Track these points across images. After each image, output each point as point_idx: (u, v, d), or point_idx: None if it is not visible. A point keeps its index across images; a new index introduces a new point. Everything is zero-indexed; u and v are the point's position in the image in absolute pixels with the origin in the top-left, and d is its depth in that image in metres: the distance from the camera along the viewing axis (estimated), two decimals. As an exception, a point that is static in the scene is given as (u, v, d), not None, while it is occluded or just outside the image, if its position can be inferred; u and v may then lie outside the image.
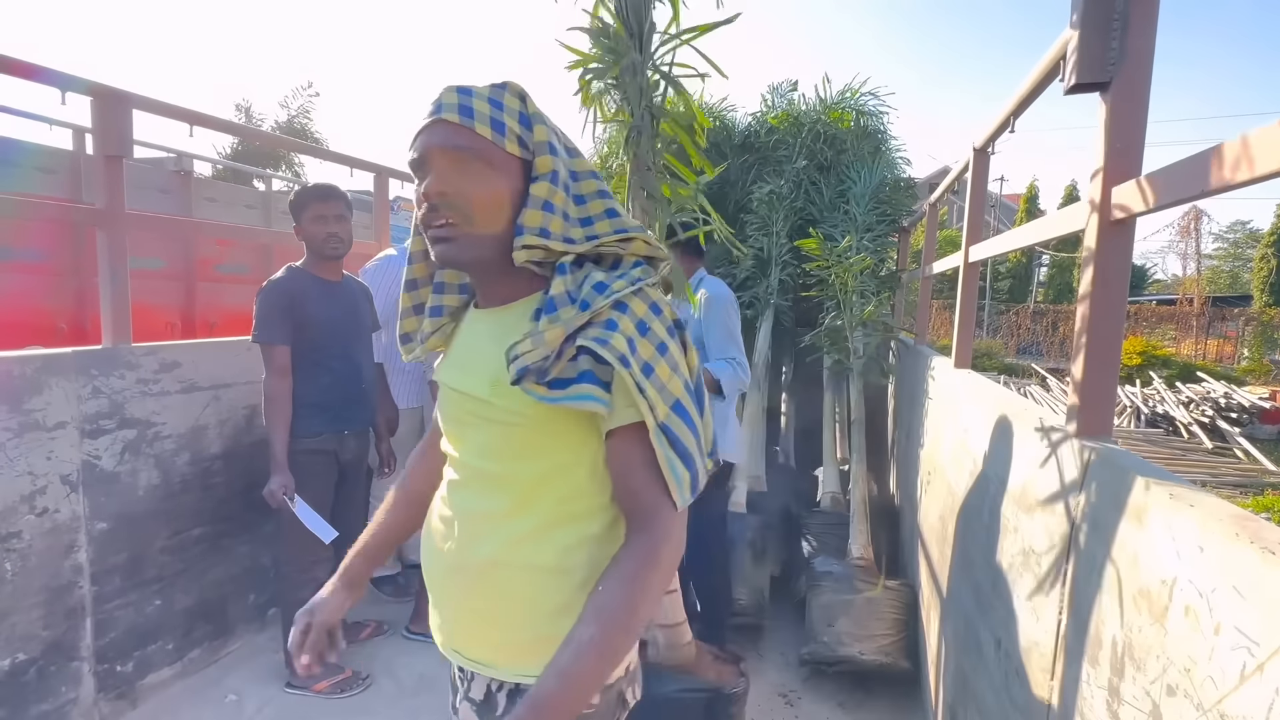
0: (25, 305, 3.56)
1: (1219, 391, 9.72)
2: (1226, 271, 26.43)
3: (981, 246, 2.09)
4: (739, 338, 2.24)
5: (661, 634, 1.85)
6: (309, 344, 2.10)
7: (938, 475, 2.18)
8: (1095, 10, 1.06)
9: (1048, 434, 1.23)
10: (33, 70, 1.80)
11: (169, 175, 4.48)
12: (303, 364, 2.09)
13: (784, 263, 3.66)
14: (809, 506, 3.22)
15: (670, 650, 1.84)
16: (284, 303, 2.05)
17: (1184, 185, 0.90)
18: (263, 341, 2.04)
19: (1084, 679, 0.96)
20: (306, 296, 2.11)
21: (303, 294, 2.10)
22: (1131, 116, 1.08)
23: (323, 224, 2.14)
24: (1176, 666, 0.73)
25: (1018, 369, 13.51)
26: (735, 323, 2.26)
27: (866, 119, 4.07)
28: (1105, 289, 1.12)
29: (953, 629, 1.79)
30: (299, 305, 2.07)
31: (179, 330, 4.34)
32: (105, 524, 1.94)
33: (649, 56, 1.51)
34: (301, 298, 2.09)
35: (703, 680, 1.80)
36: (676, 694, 1.76)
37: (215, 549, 2.31)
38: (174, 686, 2.17)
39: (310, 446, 2.12)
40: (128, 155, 2.03)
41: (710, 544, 2.29)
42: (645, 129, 1.55)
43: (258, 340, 2.05)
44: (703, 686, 1.78)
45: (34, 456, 1.75)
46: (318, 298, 2.14)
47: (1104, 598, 0.92)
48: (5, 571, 1.70)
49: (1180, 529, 0.76)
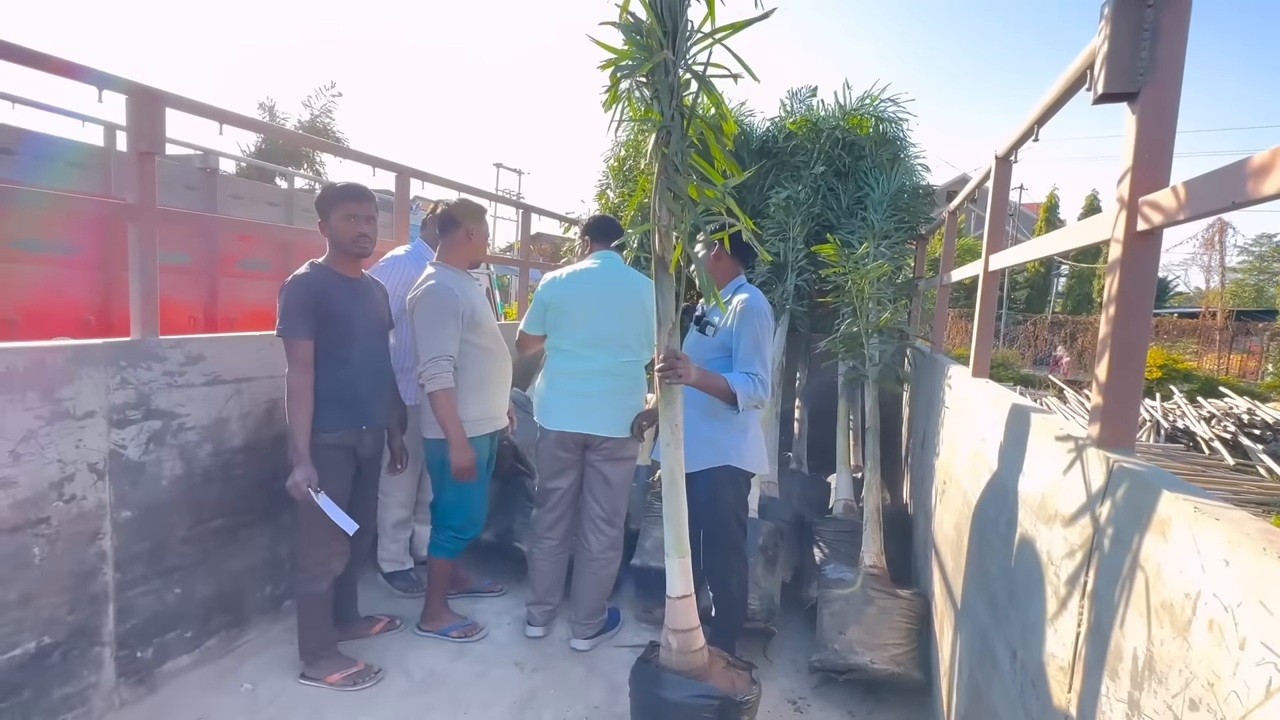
0: (55, 297, 3.64)
1: (1242, 407, 9.53)
2: (1252, 285, 25.88)
3: (1003, 255, 2.08)
4: (766, 354, 2.17)
5: (674, 639, 1.84)
6: (332, 339, 2.12)
7: (953, 484, 2.16)
8: (1125, 19, 1.06)
9: (1069, 444, 1.23)
10: (72, 69, 1.85)
11: (195, 172, 4.57)
12: (325, 359, 2.12)
13: (800, 268, 3.66)
14: (821, 513, 3.21)
15: (682, 655, 1.83)
16: (309, 298, 2.07)
17: (1213, 197, 0.90)
18: (287, 335, 2.06)
19: (1103, 692, 0.95)
20: (331, 292, 2.13)
21: (327, 290, 2.12)
22: (1160, 127, 1.07)
23: (354, 223, 2.16)
24: (1200, 681, 0.73)
25: (1034, 380, 13.34)
26: (767, 338, 2.19)
27: (886, 125, 4.06)
28: (1130, 299, 1.12)
29: (966, 640, 1.78)
30: (323, 301, 2.10)
31: (201, 324, 4.42)
32: (130, 512, 1.98)
33: (682, 54, 1.46)
34: (326, 294, 2.11)
35: (714, 687, 1.79)
36: (688, 699, 1.75)
37: (234, 540, 2.35)
38: (191, 674, 2.21)
39: (330, 441, 2.15)
40: (160, 152, 2.08)
41: (730, 552, 2.27)
42: (676, 129, 1.51)
43: (282, 334, 2.07)
44: (714, 693, 1.76)
45: (64, 444, 1.80)
46: (341, 294, 2.16)
47: (1125, 610, 0.91)
48: (33, 556, 1.74)
49: (1205, 542, 0.76)
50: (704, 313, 2.32)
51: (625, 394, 2.50)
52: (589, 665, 2.43)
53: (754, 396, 2.10)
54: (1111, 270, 1.15)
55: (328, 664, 2.24)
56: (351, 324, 2.17)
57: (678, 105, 1.50)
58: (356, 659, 2.29)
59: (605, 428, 2.47)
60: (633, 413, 2.51)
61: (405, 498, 2.88)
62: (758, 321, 2.17)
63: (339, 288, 2.17)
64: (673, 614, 1.84)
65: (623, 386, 2.49)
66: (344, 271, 2.21)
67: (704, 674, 1.82)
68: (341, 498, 2.17)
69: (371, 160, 3.25)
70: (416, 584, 2.90)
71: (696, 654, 1.84)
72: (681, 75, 1.50)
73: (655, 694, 1.78)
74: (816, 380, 3.96)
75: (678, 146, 1.53)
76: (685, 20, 1.47)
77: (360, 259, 2.25)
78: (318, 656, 2.23)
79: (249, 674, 2.25)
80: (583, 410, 2.47)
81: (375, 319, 2.31)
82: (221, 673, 2.25)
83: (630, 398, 2.52)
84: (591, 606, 2.54)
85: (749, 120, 4.36)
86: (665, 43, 1.45)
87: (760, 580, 2.62)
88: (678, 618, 1.83)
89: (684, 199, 1.59)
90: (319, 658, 2.23)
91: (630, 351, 2.48)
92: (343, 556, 2.25)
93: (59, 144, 3.76)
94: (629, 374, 2.51)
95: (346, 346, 2.16)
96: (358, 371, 2.20)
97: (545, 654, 2.49)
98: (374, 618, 2.59)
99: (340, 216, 2.15)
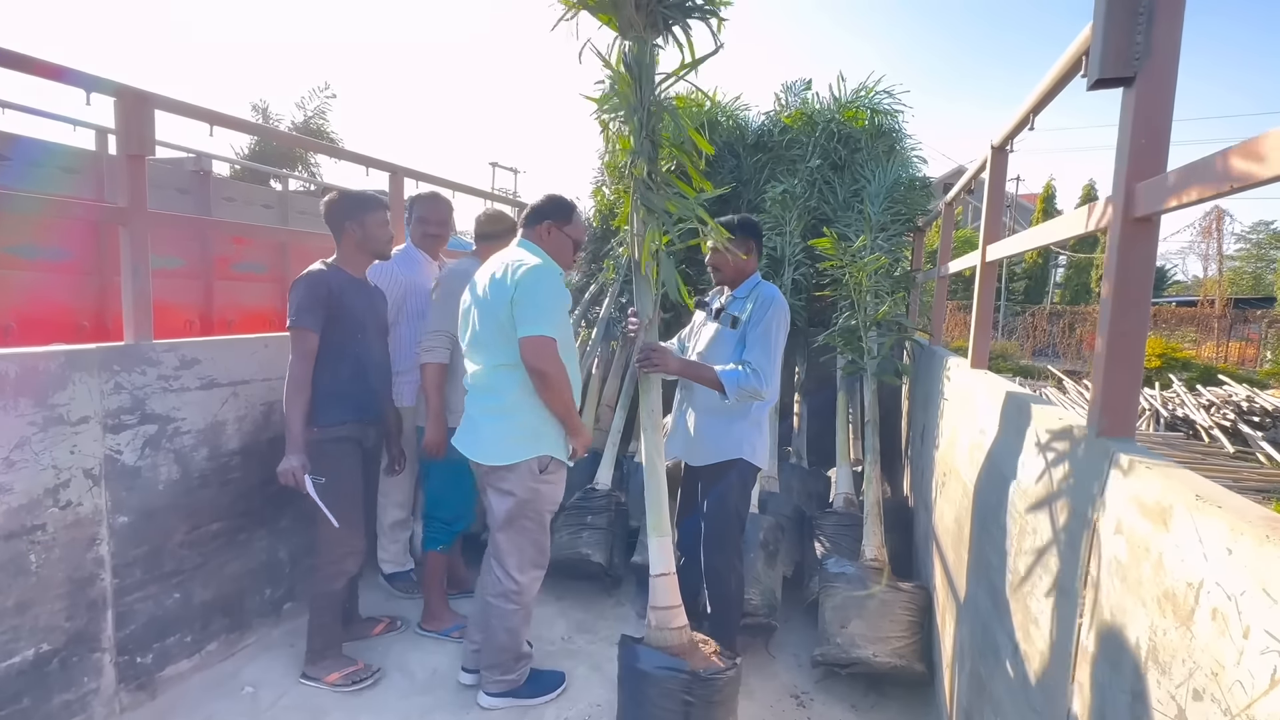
0: (50, 303, 3.63)
1: (1241, 395, 9.54)
2: (1249, 273, 25.91)
3: (1000, 245, 2.07)
4: (773, 346, 2.13)
5: (654, 616, 1.91)
6: (342, 335, 2.19)
7: (953, 476, 2.16)
8: (1120, 3, 1.05)
9: (1068, 434, 1.22)
10: (60, 72, 1.83)
11: (188, 175, 4.55)
12: (332, 354, 2.17)
13: (797, 262, 3.64)
14: (822, 507, 3.20)
15: (660, 632, 1.90)
16: (323, 293, 2.14)
17: (1211, 182, 0.88)
18: (297, 325, 2.11)
19: (1106, 682, 0.95)
20: (343, 290, 2.21)
21: (340, 288, 2.20)
22: (1156, 112, 1.06)
23: (386, 228, 2.32)
24: (1204, 670, 0.72)
25: (1033, 370, 13.34)
26: (780, 331, 2.17)
27: (881, 118, 4.04)
28: (1128, 287, 1.11)
29: (968, 631, 1.77)
30: (335, 297, 2.17)
31: (197, 328, 4.40)
32: (126, 518, 1.97)
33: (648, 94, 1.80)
34: (339, 291, 2.19)
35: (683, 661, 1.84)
36: (655, 670, 1.83)
37: (232, 543, 2.34)
38: (192, 678, 2.20)
39: (338, 435, 2.19)
40: (150, 154, 2.06)
41: (730, 551, 2.27)
42: (645, 152, 1.82)
43: (294, 324, 2.11)
44: (682, 667, 1.82)
45: (58, 450, 1.78)
46: (352, 293, 2.25)
47: (1127, 600, 0.91)
48: (30, 564, 1.73)
49: (1208, 531, 0.75)
50: (722, 305, 2.31)
51: (501, 413, 2.00)
52: (591, 664, 2.42)
53: (745, 387, 2.05)
54: (1109, 258, 1.14)
55: (329, 663, 2.24)
56: (359, 321, 2.26)
57: (648, 134, 1.81)
58: (356, 658, 2.29)
59: (479, 451, 2.04)
60: (516, 439, 1.99)
61: (403, 498, 2.87)
62: (773, 312, 2.16)
63: (350, 287, 2.26)
64: (654, 591, 1.92)
65: (498, 404, 2.00)
66: (355, 273, 2.31)
67: (682, 651, 1.88)
68: (354, 491, 2.24)
69: (365, 160, 3.24)
70: (417, 585, 2.89)
71: (675, 631, 1.90)
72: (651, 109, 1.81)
73: (631, 665, 1.88)
74: (815, 374, 3.95)
75: (649, 167, 1.83)
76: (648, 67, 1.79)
77: (383, 260, 2.40)
78: (321, 655, 2.24)
79: (250, 677, 2.25)
80: (465, 429, 2.11)
81: (379, 318, 2.40)
82: (222, 676, 2.24)
83: (506, 419, 1.99)
84: (492, 657, 2.13)
85: (744, 114, 4.34)
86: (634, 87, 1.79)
87: (761, 575, 2.61)
88: (658, 595, 1.91)
89: (656, 210, 1.84)
90: (323, 657, 2.24)
91: (495, 355, 1.99)
92: (359, 556, 2.29)
93: (51, 149, 3.73)
94: (503, 388, 1.99)
95: (352, 343, 2.23)
96: (363, 366, 2.27)
97: (547, 652, 2.49)
98: (375, 619, 2.59)
99: (376, 223, 2.29)
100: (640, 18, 1.71)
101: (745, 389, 2.05)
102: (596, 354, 3.95)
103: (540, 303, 1.91)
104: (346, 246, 2.28)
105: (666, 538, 1.93)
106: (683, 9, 1.76)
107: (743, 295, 2.27)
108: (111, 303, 3.77)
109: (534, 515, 2.08)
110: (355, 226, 2.25)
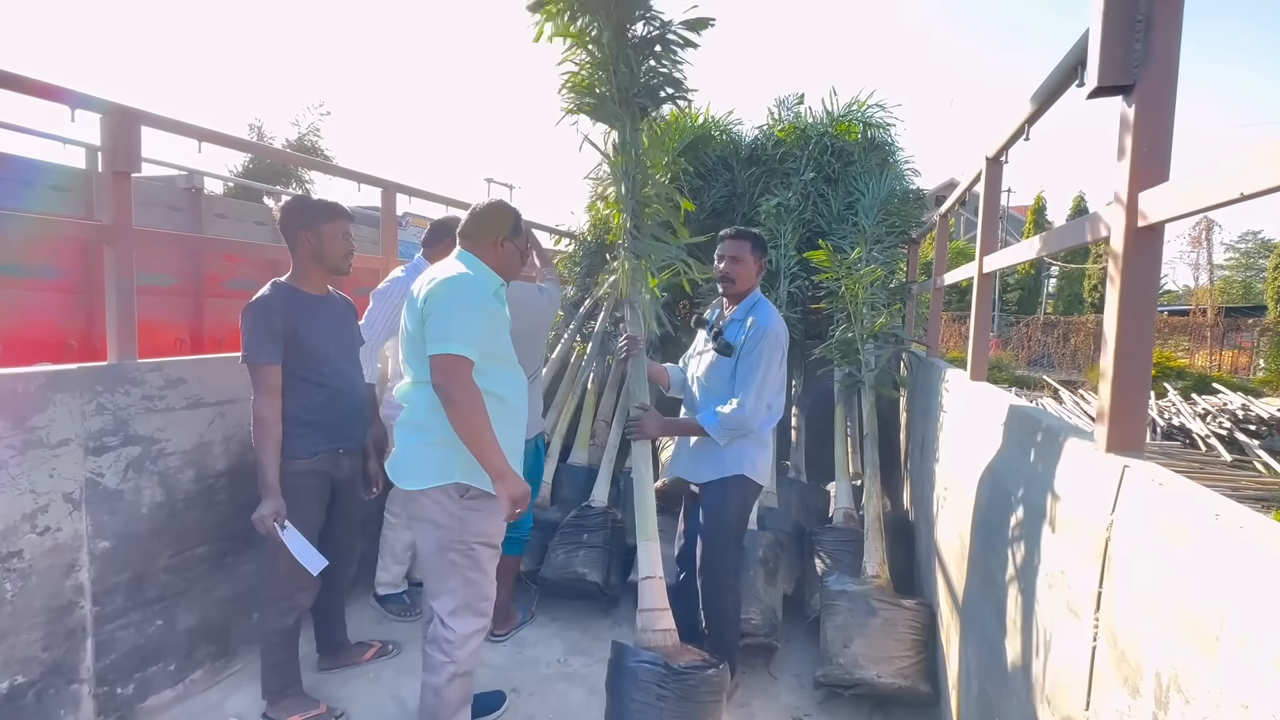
0: (37, 322, 3.58)
1: (1236, 403, 9.56)
2: (1239, 282, 26.18)
3: (997, 256, 2.05)
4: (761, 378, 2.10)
5: (641, 618, 1.97)
6: (301, 361, 2.02)
7: (955, 490, 2.12)
8: (1117, 10, 1.04)
9: (1076, 448, 1.19)
10: (46, 89, 1.81)
11: (180, 192, 4.52)
12: (295, 382, 2.02)
13: (793, 275, 3.63)
14: (821, 522, 3.15)
15: (646, 634, 1.94)
16: (274, 320, 1.96)
17: (1216, 189, 0.86)
18: (252, 362, 1.95)
19: (1124, 710, 0.90)
20: (298, 313, 2.01)
21: (293, 310, 2.01)
22: (1158, 119, 1.04)
23: (345, 241, 2.10)
24: (1232, 702, 0.68)
25: (1029, 381, 13.36)
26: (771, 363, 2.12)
27: (874, 130, 4.05)
28: (1133, 298, 1.08)
29: (975, 651, 1.73)
30: (290, 322, 1.98)
31: (188, 346, 4.35)
32: (108, 543, 1.91)
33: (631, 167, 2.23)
34: (292, 314, 2.00)
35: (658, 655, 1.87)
36: (633, 664, 1.85)
37: (218, 567, 2.28)
38: (175, 709, 2.12)
39: (304, 468, 2.04)
40: (136, 171, 2.03)
41: (727, 570, 2.22)
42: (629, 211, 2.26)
43: (247, 360, 1.96)
44: (657, 661, 1.84)
45: (36, 474, 1.73)
46: (309, 313, 2.05)
47: (1144, 624, 0.87)
48: (5, 592, 1.67)
49: (1231, 552, 0.71)
50: (719, 328, 2.28)
51: (415, 431, 1.79)
52: (589, 688, 2.36)
53: (729, 430, 2.12)
54: (1112, 269, 1.12)
55: (290, 703, 2.10)
56: (321, 343, 2.06)
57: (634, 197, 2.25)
58: (319, 700, 2.16)
59: (393, 471, 1.85)
60: (429, 460, 1.76)
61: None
62: (764, 344, 2.12)
63: (306, 307, 2.06)
64: (642, 594, 1.98)
65: (412, 421, 1.80)
66: (311, 289, 2.10)
67: (667, 651, 1.91)
68: (314, 527, 2.08)
69: (357, 176, 3.22)
70: (410, 607, 2.82)
71: (662, 633, 1.94)
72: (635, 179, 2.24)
73: (615, 664, 1.92)
74: (812, 387, 3.92)
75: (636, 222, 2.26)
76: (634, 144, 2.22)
77: (341, 276, 2.17)
78: (281, 695, 2.11)
79: (235, 706, 2.18)
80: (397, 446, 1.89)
81: (346, 337, 2.20)
82: (206, 706, 2.17)
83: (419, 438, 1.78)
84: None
85: (737, 128, 4.35)
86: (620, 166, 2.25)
87: (761, 593, 2.56)
88: (646, 597, 1.97)
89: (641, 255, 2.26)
90: (283, 696, 2.11)
91: (414, 370, 1.79)
92: (311, 590, 2.12)
93: (41, 167, 3.71)
94: (417, 405, 1.78)
95: (317, 368, 2.05)
96: (332, 392, 2.10)
97: (542, 675, 2.43)
98: (366, 644, 2.52)
99: (334, 233, 2.08)
100: (622, 110, 2.18)
101: (730, 430, 2.12)
102: (592, 369, 3.91)
103: (452, 317, 1.66)
104: (301, 259, 2.07)
105: (654, 542, 2.00)
106: (655, 99, 2.26)
107: (740, 317, 2.24)
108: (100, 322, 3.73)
109: (460, 548, 1.78)
110: (310, 237, 2.04)
